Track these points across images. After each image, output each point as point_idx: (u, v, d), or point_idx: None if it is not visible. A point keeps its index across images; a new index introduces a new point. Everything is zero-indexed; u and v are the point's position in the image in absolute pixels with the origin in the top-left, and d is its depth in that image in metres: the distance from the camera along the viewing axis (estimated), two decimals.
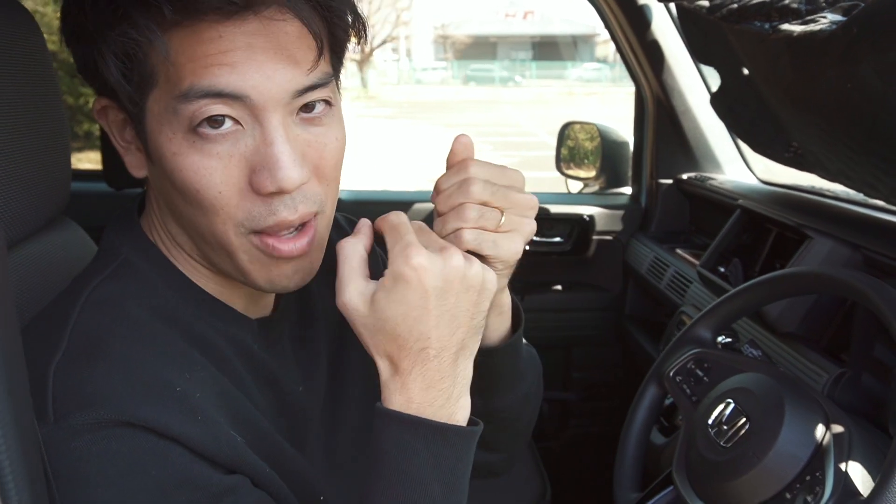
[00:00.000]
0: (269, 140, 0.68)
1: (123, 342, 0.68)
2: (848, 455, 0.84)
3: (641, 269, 2.05)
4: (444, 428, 0.69)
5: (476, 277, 0.70)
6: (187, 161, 0.68)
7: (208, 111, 0.66)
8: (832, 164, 1.42)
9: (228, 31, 0.65)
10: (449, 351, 0.70)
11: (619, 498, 1.09)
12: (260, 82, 0.67)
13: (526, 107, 23.20)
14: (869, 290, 0.89)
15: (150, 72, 0.67)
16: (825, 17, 1.25)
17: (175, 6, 0.63)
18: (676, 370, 1.11)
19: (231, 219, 0.70)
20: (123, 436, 0.64)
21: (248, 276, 0.75)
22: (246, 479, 0.72)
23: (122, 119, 0.73)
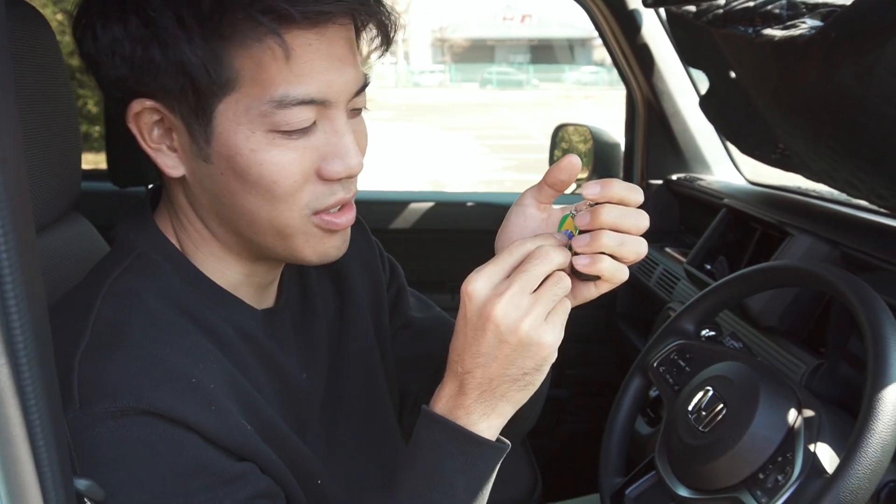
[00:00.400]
0: (340, 132, 0.77)
1: (142, 333, 0.73)
2: (817, 437, 0.88)
3: (632, 267, 2.09)
4: (479, 440, 0.75)
5: (543, 345, 0.72)
6: (267, 156, 0.74)
7: (301, 121, 0.73)
8: (816, 164, 1.46)
9: (316, 39, 0.72)
10: (490, 391, 0.74)
11: (604, 482, 1.13)
12: (339, 84, 0.75)
13: (524, 110, 23.27)
14: (840, 284, 0.93)
15: (236, 76, 0.71)
16: (805, 23, 1.30)
17: (277, 15, 0.69)
18: (660, 361, 1.16)
19: (297, 203, 0.77)
20: (143, 423, 0.69)
21: (299, 254, 0.81)
22: (255, 466, 0.77)
23: (154, 121, 0.77)
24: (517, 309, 0.71)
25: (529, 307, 0.71)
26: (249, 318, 0.86)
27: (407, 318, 1.12)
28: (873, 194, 1.30)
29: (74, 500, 0.53)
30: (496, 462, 0.77)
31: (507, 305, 0.70)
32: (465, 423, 0.74)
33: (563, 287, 0.73)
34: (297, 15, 0.69)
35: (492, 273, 0.73)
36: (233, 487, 0.73)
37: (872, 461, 0.77)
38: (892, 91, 1.05)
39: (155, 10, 0.69)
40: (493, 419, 0.75)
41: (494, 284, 0.73)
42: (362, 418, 1.00)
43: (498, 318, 0.71)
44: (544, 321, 0.72)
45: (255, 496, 0.74)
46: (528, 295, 0.71)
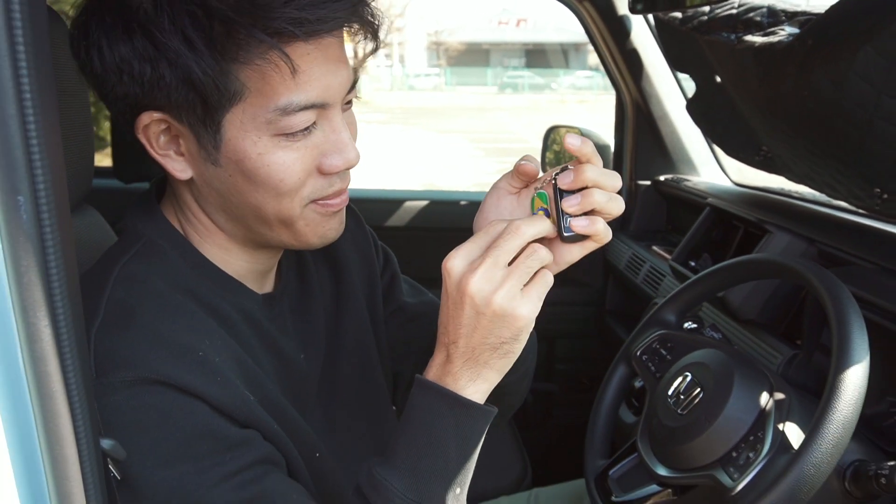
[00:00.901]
0: (338, 130, 0.83)
1: (151, 312, 0.79)
2: (786, 417, 0.94)
3: (620, 265, 2.16)
4: (468, 402, 0.80)
5: (518, 317, 0.77)
6: (273, 157, 0.80)
7: (303, 123, 0.79)
8: (798, 167, 1.52)
9: (313, 49, 0.77)
10: (473, 358, 0.80)
11: (589, 464, 1.19)
12: (335, 86, 0.81)
13: (518, 113, 23.33)
14: (809, 275, 0.99)
15: (241, 89, 0.76)
16: (784, 30, 1.37)
17: (306, 31, 0.74)
18: (643, 350, 1.21)
19: (299, 196, 0.83)
20: (155, 392, 0.75)
21: (303, 239, 0.87)
22: (258, 434, 0.82)
23: (161, 131, 0.81)
24: (490, 282, 0.75)
25: (502, 280, 0.75)
26: (252, 302, 0.91)
27: (400, 302, 1.18)
28: (851, 195, 1.36)
29: (100, 457, 0.58)
30: (484, 424, 0.82)
31: (480, 279, 0.75)
32: (453, 388, 0.80)
33: (538, 259, 0.77)
34: (301, 34, 0.74)
35: (469, 250, 0.78)
36: (237, 452, 0.78)
37: (834, 437, 0.83)
38: (865, 96, 1.11)
39: (163, 33, 0.73)
40: (479, 384, 0.80)
41: (471, 261, 0.77)
42: (358, 398, 1.05)
43: (473, 291, 0.75)
44: (520, 293, 0.76)
45: (257, 461, 0.80)
46: (502, 268, 0.76)
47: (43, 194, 0.46)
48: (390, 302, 1.17)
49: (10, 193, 0.45)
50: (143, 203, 0.91)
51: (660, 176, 2.22)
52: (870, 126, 1.13)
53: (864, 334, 0.88)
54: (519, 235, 0.77)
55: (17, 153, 0.44)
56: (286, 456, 0.86)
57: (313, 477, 0.91)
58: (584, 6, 2.05)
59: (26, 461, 0.51)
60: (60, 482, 0.52)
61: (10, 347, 0.48)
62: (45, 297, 0.48)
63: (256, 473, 0.79)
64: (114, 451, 0.60)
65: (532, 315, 0.78)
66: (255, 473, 0.79)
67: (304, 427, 0.91)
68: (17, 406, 0.50)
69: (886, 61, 1.02)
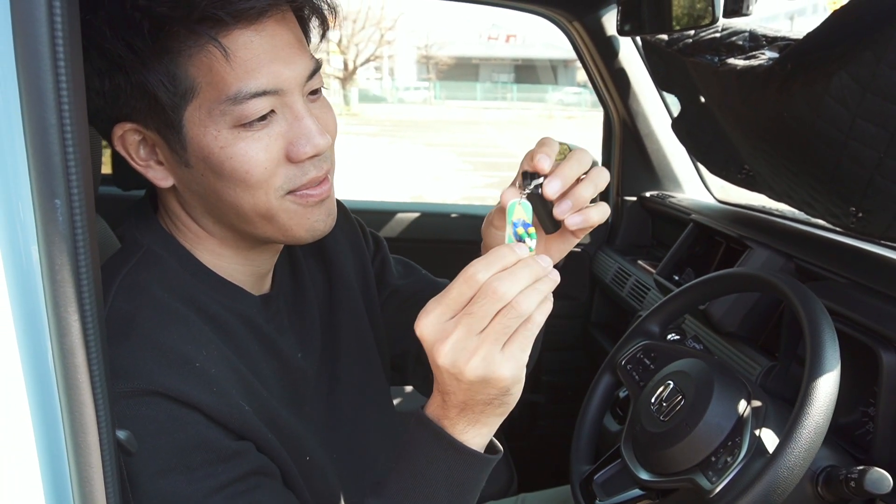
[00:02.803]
0: (300, 116, 0.83)
1: (151, 323, 0.81)
2: (762, 424, 0.99)
3: (606, 278, 2.20)
4: (463, 449, 0.77)
5: (498, 379, 0.72)
6: (236, 150, 0.81)
7: (259, 111, 0.80)
8: (777, 185, 1.57)
9: (255, 36, 0.79)
10: (468, 409, 0.76)
11: (574, 470, 1.23)
12: (289, 74, 0.81)
13: (506, 128, 23.46)
14: (785, 287, 1.04)
15: (192, 84, 0.79)
16: (764, 54, 1.42)
17: (213, 20, 0.75)
18: (627, 359, 1.26)
19: (272, 187, 0.84)
20: (151, 403, 0.76)
21: (289, 232, 0.88)
22: (252, 445, 0.84)
23: (138, 141, 0.84)
24: (463, 351, 0.70)
25: (476, 348, 0.70)
26: (249, 305, 0.94)
27: (393, 286, 1.20)
28: (827, 213, 1.41)
29: (117, 447, 0.61)
30: (480, 472, 0.79)
31: (451, 351, 0.70)
32: (451, 431, 0.77)
33: (516, 316, 0.70)
34: (227, 17, 0.76)
35: (440, 313, 0.72)
36: (230, 464, 0.80)
37: (807, 441, 0.87)
38: (840, 119, 1.16)
39: (108, 42, 0.76)
40: (479, 428, 0.77)
41: (442, 325, 0.71)
42: (358, 389, 1.08)
43: (444, 364, 0.71)
44: (498, 355, 0.70)
45: (250, 473, 0.82)
46: (475, 336, 0.70)
47: (77, 198, 0.50)
48: (384, 287, 1.19)
49: (48, 197, 0.49)
50: (139, 212, 0.94)
51: (645, 192, 2.27)
52: (845, 147, 1.18)
53: (835, 345, 0.93)
54: (498, 299, 0.70)
55: (56, 160, 0.48)
56: (281, 465, 0.87)
57: (307, 482, 0.92)
58: (573, 26, 2.11)
59: (50, 447, 0.55)
60: (82, 468, 0.55)
61: (41, 340, 0.52)
62: (75, 293, 0.51)
63: (248, 485, 0.81)
64: (128, 441, 0.63)
65: (515, 374, 0.72)
66: (248, 485, 0.80)
67: (297, 431, 0.93)
68: (44, 395, 0.53)
69: (859, 86, 1.07)
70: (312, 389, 1.01)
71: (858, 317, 1.15)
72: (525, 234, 0.77)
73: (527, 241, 0.77)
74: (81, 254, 0.51)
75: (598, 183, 0.81)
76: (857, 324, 1.15)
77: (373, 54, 32.67)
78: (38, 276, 0.50)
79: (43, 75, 0.47)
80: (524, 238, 0.77)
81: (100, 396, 0.55)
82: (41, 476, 0.55)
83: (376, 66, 38.65)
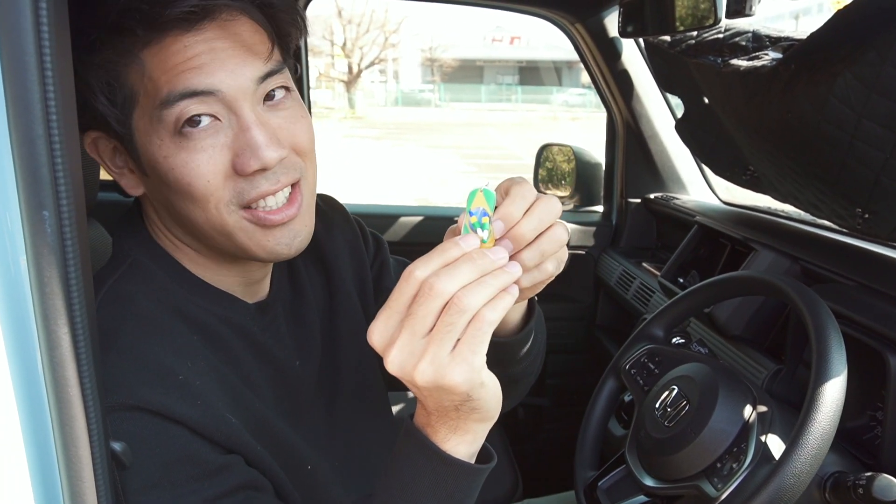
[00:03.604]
0: (246, 126, 0.79)
1: (133, 335, 0.79)
2: (768, 429, 0.97)
3: (611, 281, 2.19)
4: (448, 459, 0.72)
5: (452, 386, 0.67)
6: (177, 160, 0.78)
7: (188, 112, 0.76)
8: (783, 186, 1.56)
9: (192, 40, 0.76)
10: (444, 415, 0.72)
11: (579, 476, 1.21)
12: (227, 77, 0.78)
13: (510, 130, 23.46)
14: (791, 291, 1.02)
15: (131, 92, 0.77)
16: (768, 55, 1.41)
17: (144, 25, 0.73)
18: (631, 364, 1.24)
19: (220, 200, 0.80)
20: (133, 418, 0.74)
21: (248, 251, 0.85)
22: (240, 459, 0.82)
23: (112, 148, 0.83)
24: (410, 356, 0.66)
25: (422, 352, 0.65)
26: (242, 313, 0.92)
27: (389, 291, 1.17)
28: (833, 214, 1.40)
29: (111, 460, 0.61)
30: (468, 483, 0.74)
31: (397, 357, 0.66)
32: (434, 440, 0.73)
33: (458, 312, 0.64)
34: (138, 29, 0.73)
35: (385, 318, 0.67)
36: (217, 479, 0.78)
37: (813, 448, 0.86)
38: (845, 119, 1.14)
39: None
40: (461, 436, 0.72)
41: (390, 331, 0.67)
42: (357, 395, 1.07)
43: (394, 371, 0.67)
44: (447, 358, 0.65)
45: (239, 487, 0.79)
46: (420, 339, 0.65)
47: (65, 210, 0.49)
48: (381, 292, 1.16)
49: (35, 209, 0.48)
50: (127, 220, 0.92)
51: (650, 194, 2.26)
52: (850, 148, 1.17)
53: (841, 349, 0.92)
54: (434, 296, 0.64)
55: (44, 171, 0.47)
56: (272, 479, 0.85)
57: (305, 492, 0.90)
58: (576, 28, 2.10)
59: (42, 462, 0.54)
60: (74, 483, 0.54)
61: (30, 353, 0.51)
62: (65, 306, 0.51)
63: (236, 500, 0.79)
64: (124, 453, 0.62)
65: (467, 377, 0.66)
66: (235, 500, 0.79)
67: (294, 441, 0.91)
68: (34, 409, 0.53)
69: (864, 87, 1.06)
70: (311, 397, 1.00)
71: (865, 320, 1.13)
72: (478, 225, 0.70)
73: (479, 231, 0.70)
74: (71, 265, 0.50)
75: (541, 216, 0.72)
76: (864, 327, 1.14)
77: (377, 57, 32.73)
78: (26, 287, 0.50)
79: (30, 86, 0.46)
80: (477, 228, 0.70)
81: (92, 409, 0.54)
82: (32, 491, 0.54)
83: (381, 70, 38.70)
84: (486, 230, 0.70)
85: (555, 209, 0.73)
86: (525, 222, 0.71)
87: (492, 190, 0.71)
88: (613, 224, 2.34)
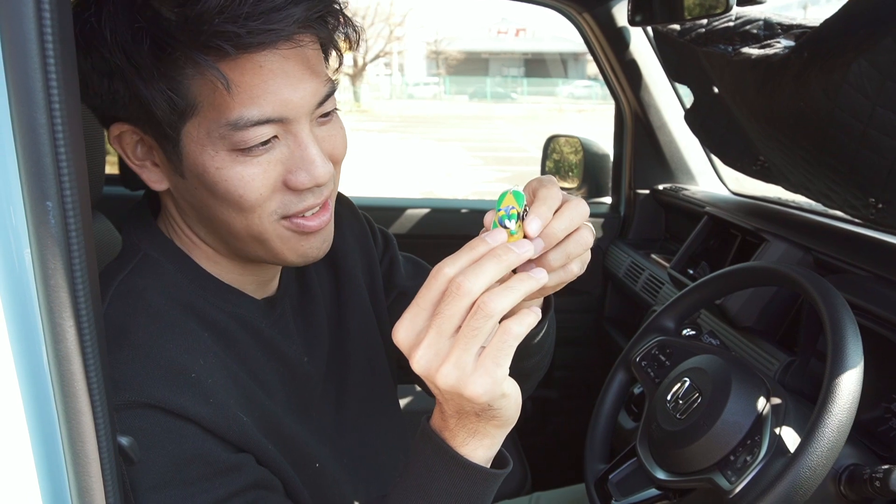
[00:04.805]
0: (304, 146, 0.80)
1: (145, 332, 0.78)
2: (782, 422, 0.96)
3: (619, 273, 2.18)
4: (465, 462, 0.72)
5: (473, 397, 0.67)
6: (231, 173, 0.78)
7: (258, 138, 0.76)
8: (794, 176, 1.55)
9: (266, 60, 0.75)
10: (464, 418, 0.72)
11: (589, 469, 1.20)
12: (296, 101, 0.78)
13: (516, 122, 23.41)
14: (805, 282, 1.01)
15: (194, 102, 0.75)
16: (780, 42, 1.39)
17: (236, 46, 0.72)
18: (642, 356, 1.23)
19: (266, 211, 0.81)
20: (145, 416, 0.74)
21: (280, 256, 0.85)
22: (251, 458, 0.82)
23: (136, 141, 0.82)
24: (436, 357, 0.66)
25: (448, 353, 0.65)
26: (252, 310, 0.91)
27: (402, 287, 1.17)
28: (846, 205, 1.38)
29: (118, 455, 0.60)
30: (484, 487, 0.74)
31: (424, 356, 0.66)
32: (452, 443, 0.73)
33: (484, 316, 0.64)
34: (231, 50, 0.72)
35: (413, 315, 0.68)
36: (228, 478, 0.78)
37: (829, 440, 0.85)
38: (859, 107, 1.13)
39: (107, 50, 0.73)
40: (480, 440, 0.73)
41: (417, 330, 0.67)
42: (365, 392, 1.06)
43: (419, 371, 0.67)
44: (471, 365, 0.65)
45: (248, 486, 0.79)
46: (446, 339, 0.65)
47: (69, 200, 0.48)
48: (392, 288, 1.16)
49: (39, 199, 0.47)
50: (137, 215, 0.92)
51: (658, 185, 2.24)
52: (864, 136, 1.15)
53: (858, 340, 0.90)
54: (462, 295, 0.64)
55: (47, 161, 0.46)
56: (282, 477, 0.85)
57: (312, 490, 0.90)
58: (583, 18, 2.08)
59: (48, 457, 0.53)
60: (81, 478, 0.54)
61: (35, 347, 0.50)
62: (70, 298, 0.50)
63: (247, 499, 0.79)
64: (131, 447, 0.61)
65: (488, 390, 0.66)
66: (246, 499, 0.78)
67: (303, 438, 0.90)
68: (41, 404, 0.52)
69: (879, 74, 1.05)
70: (320, 394, 0.99)
71: (880, 310, 1.12)
72: (506, 217, 0.71)
73: (507, 222, 0.71)
74: (76, 257, 0.49)
75: (571, 217, 0.74)
76: (879, 318, 1.12)
77: (382, 50, 32.64)
78: (31, 280, 0.49)
79: (31, 73, 0.45)
80: (505, 220, 0.71)
81: (98, 404, 0.53)
82: (39, 487, 0.53)
83: (386, 63, 38.64)
84: (514, 220, 0.71)
85: (583, 211, 0.75)
86: (555, 223, 0.72)
87: (521, 192, 0.73)
88: (622, 215, 2.33)
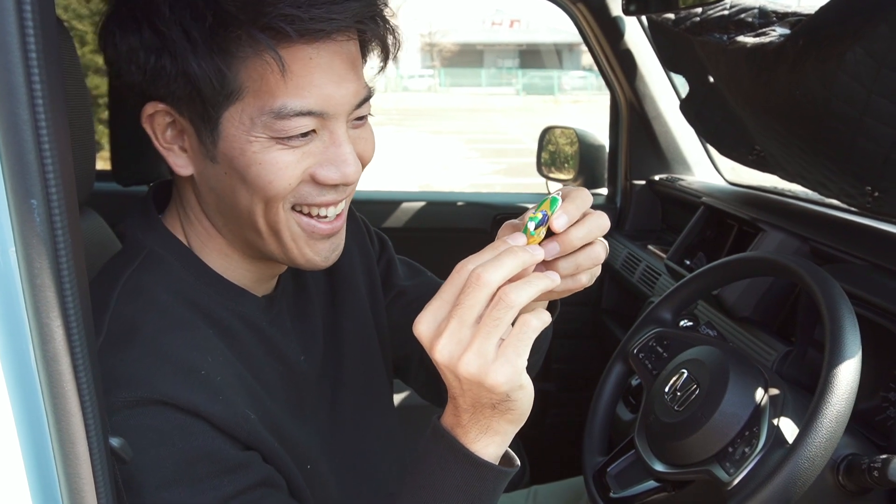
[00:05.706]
0: (339, 143, 0.81)
1: (155, 329, 0.78)
2: (781, 413, 0.96)
3: (616, 264, 2.17)
4: (477, 460, 0.74)
5: (495, 385, 0.69)
6: (268, 157, 0.79)
7: (300, 129, 0.78)
8: (790, 165, 1.54)
9: (316, 53, 0.77)
10: (478, 413, 0.73)
11: (587, 462, 1.20)
12: (338, 98, 0.79)
13: (512, 114, 23.37)
14: (802, 272, 1.00)
15: (241, 86, 0.76)
16: (775, 31, 1.39)
17: (300, 32, 0.73)
18: (640, 348, 1.23)
19: (285, 200, 0.82)
20: (155, 412, 0.74)
21: (289, 254, 0.86)
22: (258, 456, 0.82)
23: (167, 123, 0.82)
24: (458, 344, 0.68)
25: (470, 341, 0.68)
26: (254, 308, 0.91)
27: (399, 287, 1.18)
28: (842, 193, 1.38)
29: (110, 455, 0.59)
30: (495, 485, 0.76)
31: (446, 345, 0.69)
32: (464, 440, 0.74)
33: (505, 307, 0.68)
34: (293, 33, 0.73)
35: (435, 309, 0.71)
36: (236, 476, 0.78)
37: (828, 431, 0.84)
38: (855, 95, 1.12)
39: (164, 25, 0.74)
40: (491, 436, 0.74)
41: (438, 322, 0.71)
42: (360, 392, 1.06)
43: (441, 360, 0.69)
44: (493, 353, 0.68)
45: (256, 484, 0.79)
46: (468, 327, 0.68)
47: (55, 198, 0.47)
48: (390, 288, 1.17)
49: (23, 197, 0.46)
50: (142, 210, 0.91)
51: (654, 175, 2.24)
52: (860, 125, 1.14)
53: (856, 330, 0.90)
54: (481, 286, 0.68)
55: (30, 157, 0.45)
56: (286, 475, 0.85)
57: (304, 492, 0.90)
58: (577, 7, 2.07)
59: (38, 459, 0.52)
60: (72, 480, 0.53)
61: (23, 347, 0.49)
62: (57, 298, 0.49)
63: (254, 497, 0.79)
64: (122, 448, 0.61)
65: (509, 378, 0.68)
66: (253, 497, 0.78)
67: (299, 439, 0.90)
68: (29, 405, 0.51)
69: (875, 61, 1.04)
70: (315, 394, 0.99)
71: (877, 299, 1.12)
72: (533, 219, 0.76)
73: (530, 225, 0.75)
74: (63, 256, 0.48)
75: (591, 228, 0.77)
76: (876, 307, 1.12)
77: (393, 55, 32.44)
78: (16, 279, 0.48)
79: (12, 68, 0.44)
80: (530, 223, 0.76)
81: (88, 404, 0.52)
82: (29, 489, 0.52)
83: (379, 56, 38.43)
84: (535, 223, 0.75)
85: (603, 224, 0.78)
86: (574, 230, 0.76)
87: (558, 199, 0.76)
88: (618, 207, 2.32)
